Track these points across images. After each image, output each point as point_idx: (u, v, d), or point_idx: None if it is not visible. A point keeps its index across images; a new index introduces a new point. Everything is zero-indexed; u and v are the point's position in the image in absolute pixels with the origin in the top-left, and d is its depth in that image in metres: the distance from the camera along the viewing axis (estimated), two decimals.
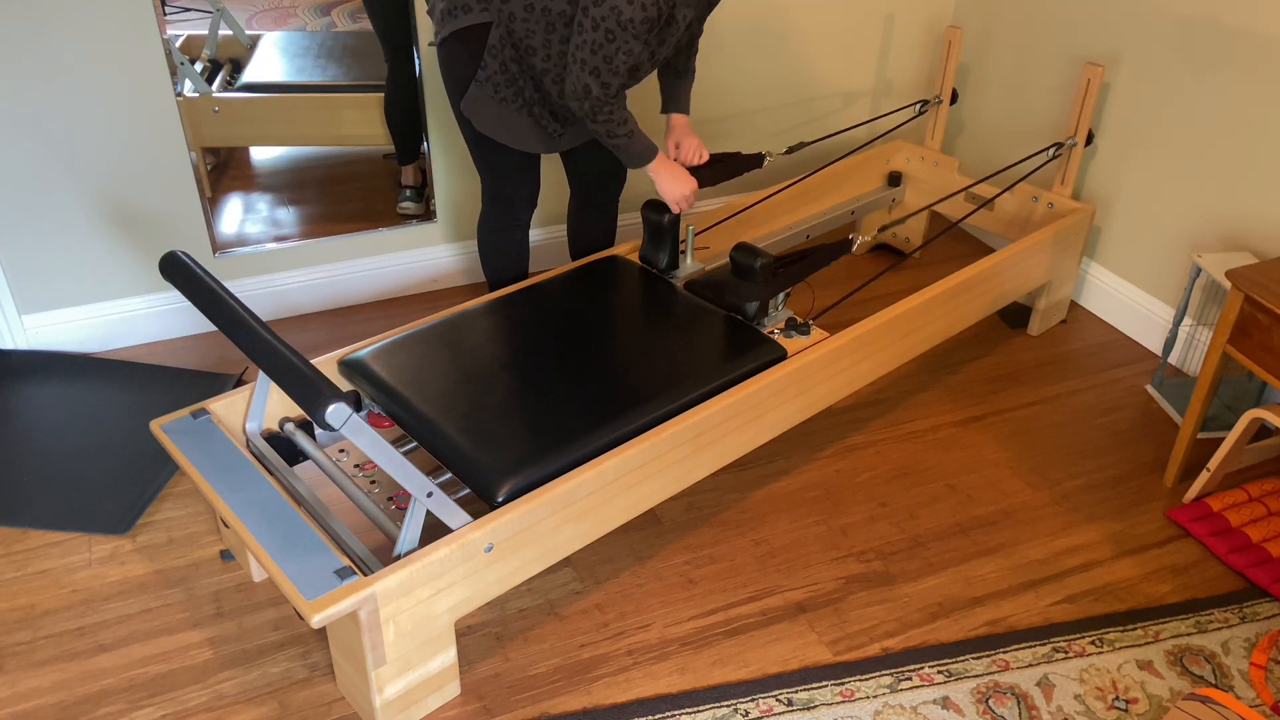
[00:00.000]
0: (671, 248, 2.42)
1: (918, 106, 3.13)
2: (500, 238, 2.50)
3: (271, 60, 2.66)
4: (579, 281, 2.40)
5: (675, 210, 2.37)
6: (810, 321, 2.29)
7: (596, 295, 2.35)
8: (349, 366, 2.10)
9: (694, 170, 2.46)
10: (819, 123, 3.43)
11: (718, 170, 2.49)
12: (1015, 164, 2.70)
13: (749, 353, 2.15)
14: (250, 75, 2.63)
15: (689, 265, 2.47)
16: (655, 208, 2.39)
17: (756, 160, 2.56)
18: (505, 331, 2.21)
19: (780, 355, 2.17)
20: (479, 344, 2.16)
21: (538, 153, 2.37)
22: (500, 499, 1.79)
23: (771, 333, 2.25)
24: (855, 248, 2.44)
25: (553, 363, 2.11)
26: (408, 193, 2.93)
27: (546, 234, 3.16)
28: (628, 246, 2.57)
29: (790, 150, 2.73)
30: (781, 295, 2.28)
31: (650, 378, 2.07)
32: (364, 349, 2.13)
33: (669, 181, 2.32)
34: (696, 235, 2.65)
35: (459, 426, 1.92)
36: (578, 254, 2.66)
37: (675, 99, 2.46)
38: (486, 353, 2.14)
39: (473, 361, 2.11)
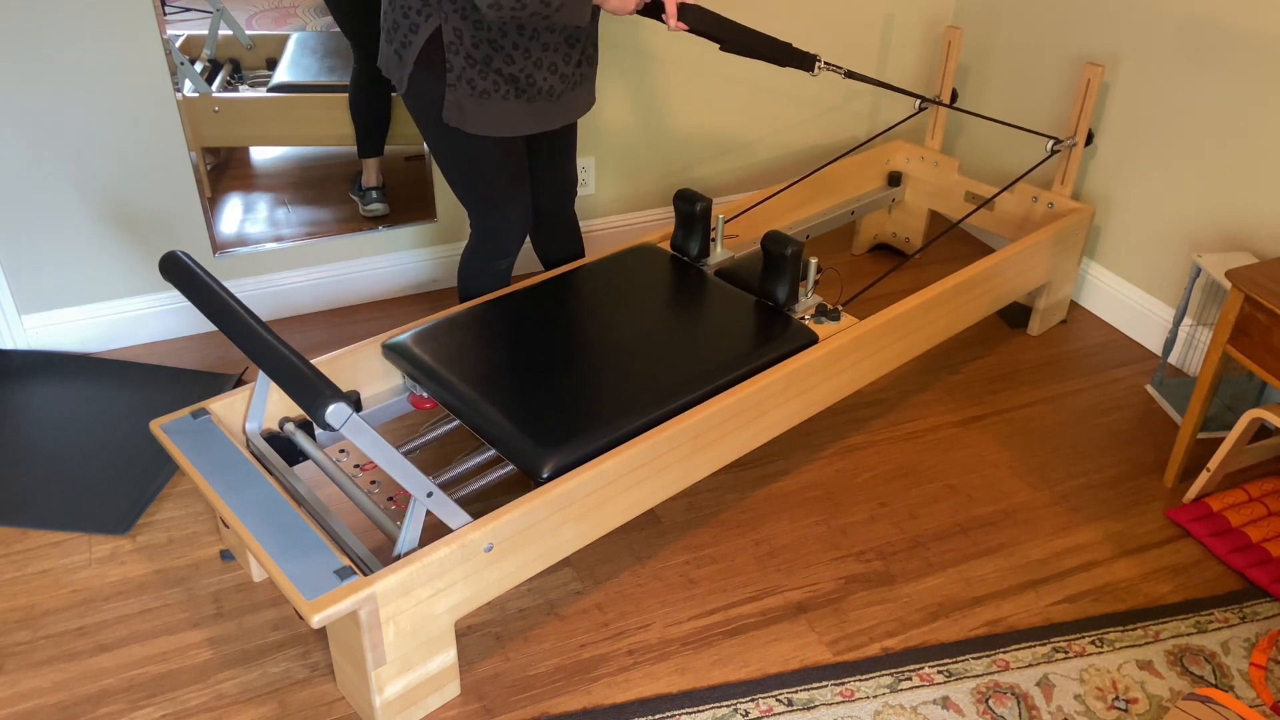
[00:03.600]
0: (703, 236, 2.45)
1: (917, 106, 3.12)
2: (486, 268, 2.40)
3: (301, 60, 2.67)
4: (614, 269, 2.45)
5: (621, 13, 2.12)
6: (840, 307, 2.31)
7: (633, 282, 2.40)
8: (392, 349, 2.16)
9: (707, 22, 2.21)
10: (818, 121, 3.43)
11: (734, 39, 2.25)
12: (1019, 128, 2.69)
13: (781, 337, 2.21)
14: (280, 76, 2.64)
15: (719, 253, 2.51)
16: (687, 198, 2.41)
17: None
18: (544, 317, 2.26)
19: (811, 340, 2.21)
20: (519, 328, 2.22)
21: (535, 132, 2.22)
22: (545, 475, 1.83)
23: (802, 318, 2.29)
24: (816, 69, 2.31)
25: (593, 346, 2.16)
26: (373, 194, 2.89)
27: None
28: (659, 235, 2.61)
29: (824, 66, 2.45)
30: (812, 281, 2.31)
31: (688, 360, 2.12)
32: (405, 333, 2.19)
33: (617, 5, 2.09)
34: (725, 223, 2.69)
35: (503, 406, 1.98)
36: (550, 267, 2.60)
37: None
38: (527, 337, 2.19)
39: (513, 345, 2.16)
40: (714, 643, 1.99)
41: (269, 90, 2.64)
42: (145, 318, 2.78)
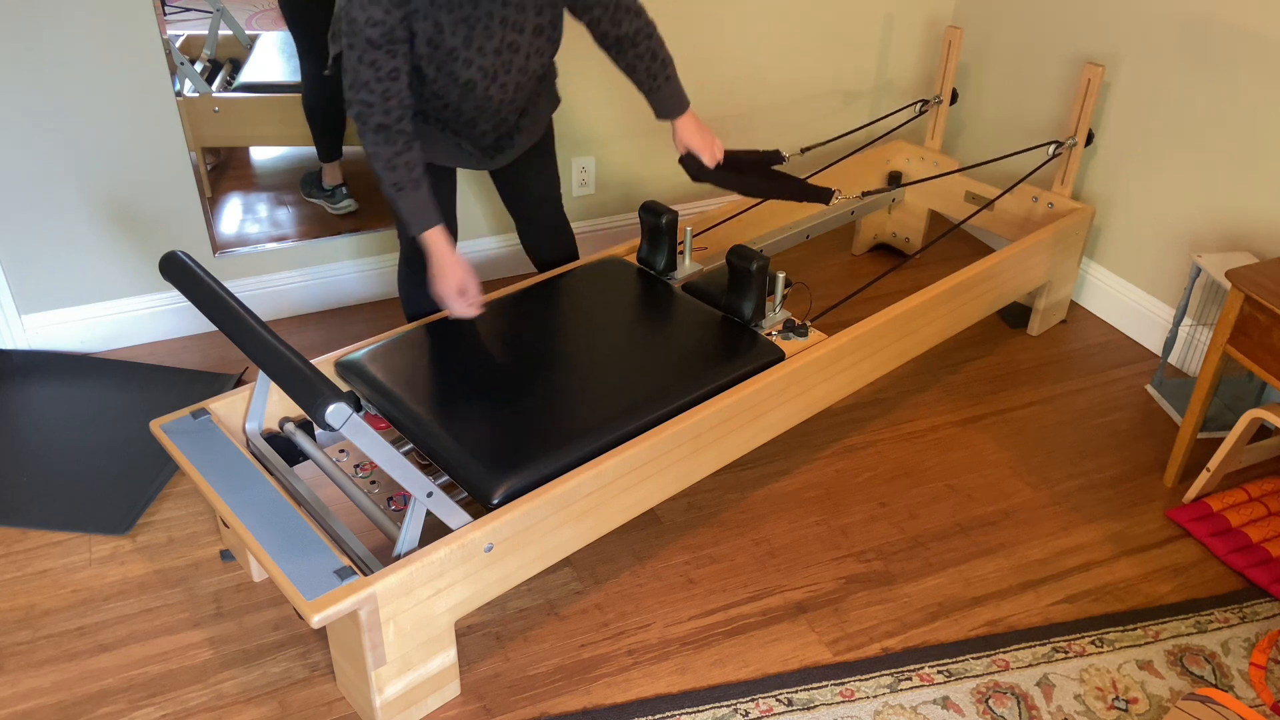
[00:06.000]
0: (669, 249, 2.42)
1: (918, 106, 3.12)
2: (412, 279, 2.32)
3: (271, 60, 2.66)
4: (577, 283, 2.40)
5: (449, 310, 2.05)
6: (808, 323, 2.28)
7: (594, 296, 2.34)
8: (345, 368, 2.10)
9: (724, 176, 2.31)
10: (819, 123, 3.43)
11: (748, 182, 2.34)
12: (1012, 154, 2.70)
13: (746, 355, 2.15)
14: (248, 75, 2.63)
15: (687, 267, 2.47)
16: (652, 210, 2.38)
17: (775, 158, 2.45)
18: (503, 333, 2.21)
19: (778, 357, 2.17)
20: (477, 345, 2.16)
21: (452, 165, 2.18)
22: (496, 501, 1.79)
23: (769, 334, 2.25)
24: (834, 199, 2.36)
25: (550, 364, 2.11)
26: (343, 190, 2.86)
27: (507, 241, 3.15)
28: (625, 248, 2.57)
29: (806, 150, 2.67)
30: (780, 296, 2.28)
31: (646, 380, 2.06)
32: (361, 350, 2.13)
33: (435, 273, 1.99)
34: (695, 237, 2.64)
35: (456, 428, 1.92)
36: (541, 268, 2.56)
37: (656, 101, 2.18)
38: (484, 354, 2.14)
39: (470, 363, 2.11)
40: (714, 643, 1.99)
41: (232, 90, 2.63)
42: (145, 318, 2.78)
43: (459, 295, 1.99)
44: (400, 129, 1.89)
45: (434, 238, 1.97)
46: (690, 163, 2.29)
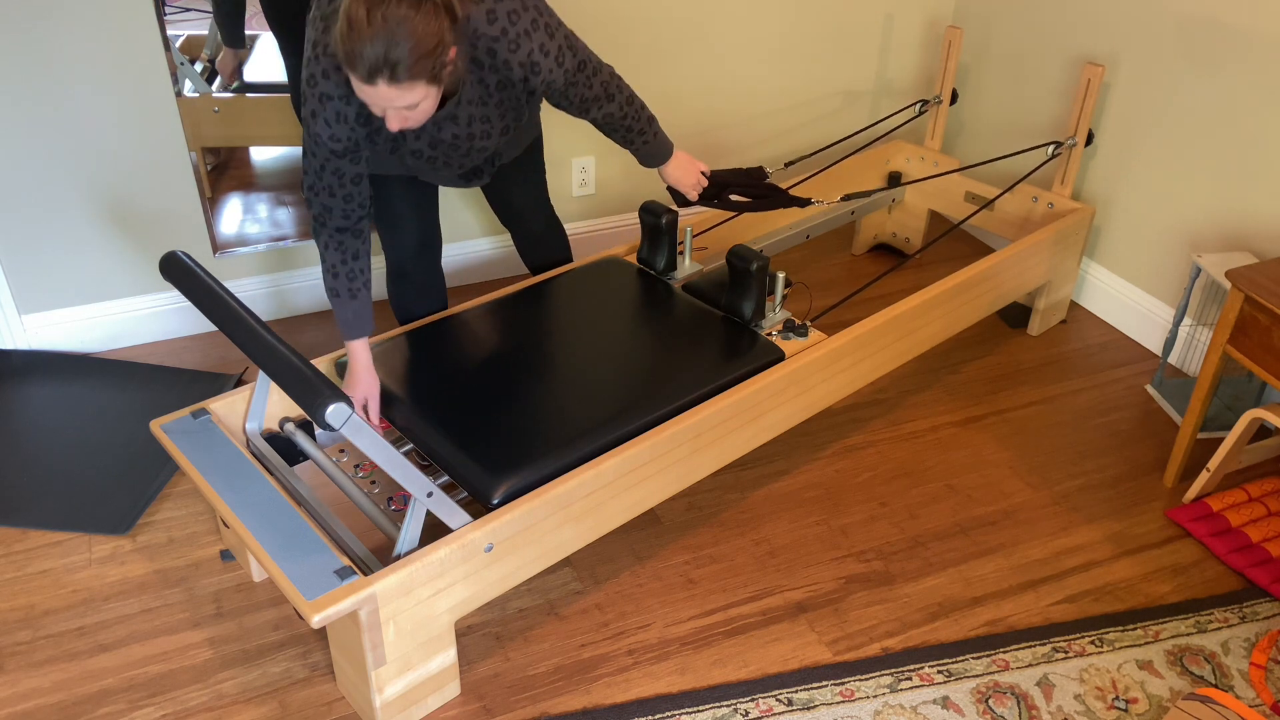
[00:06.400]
0: (669, 249, 2.42)
1: (918, 106, 3.12)
2: (391, 281, 2.34)
3: (271, 60, 2.66)
4: (577, 283, 2.40)
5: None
6: (809, 323, 2.28)
7: (594, 297, 2.34)
8: (346, 368, 2.10)
9: (713, 199, 2.35)
10: (819, 123, 3.43)
11: (729, 202, 2.37)
12: (1012, 154, 2.70)
13: (746, 355, 2.15)
14: (248, 75, 2.63)
15: (687, 267, 2.47)
16: (651, 210, 2.38)
17: (759, 175, 2.47)
18: (503, 333, 2.21)
19: (778, 357, 2.16)
20: (476, 345, 2.16)
21: (425, 178, 2.19)
22: (496, 501, 1.79)
23: (769, 334, 2.25)
24: (811, 206, 2.36)
25: (550, 364, 2.11)
26: None
27: (499, 243, 3.15)
28: (625, 248, 2.57)
29: (789, 164, 2.69)
30: (780, 296, 2.28)
31: (646, 380, 2.06)
32: None
33: (346, 381, 2.03)
34: (695, 237, 2.64)
35: (456, 428, 1.92)
36: (537, 272, 2.57)
37: (638, 157, 2.24)
38: (484, 354, 2.14)
39: (470, 363, 2.11)
40: (714, 643, 1.99)
41: (233, 91, 2.63)
42: (145, 318, 2.78)
43: (359, 410, 2.01)
44: (357, 229, 1.93)
45: (356, 348, 1.99)
46: (675, 193, 2.34)
